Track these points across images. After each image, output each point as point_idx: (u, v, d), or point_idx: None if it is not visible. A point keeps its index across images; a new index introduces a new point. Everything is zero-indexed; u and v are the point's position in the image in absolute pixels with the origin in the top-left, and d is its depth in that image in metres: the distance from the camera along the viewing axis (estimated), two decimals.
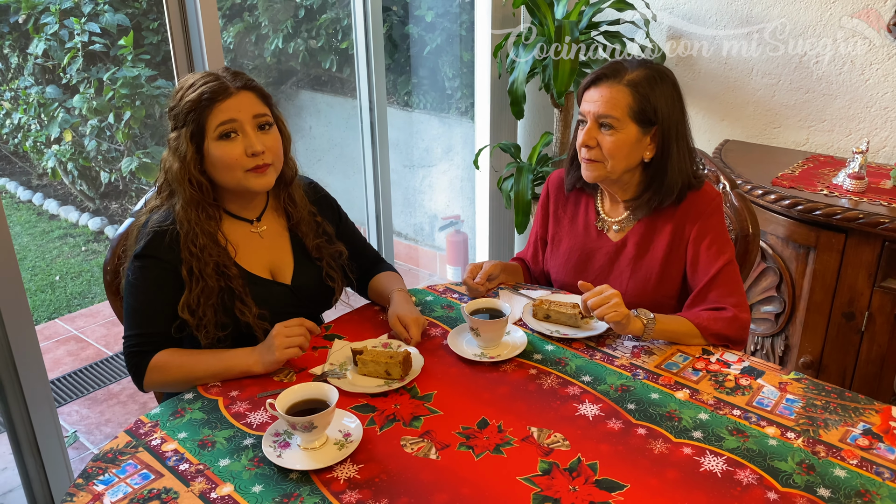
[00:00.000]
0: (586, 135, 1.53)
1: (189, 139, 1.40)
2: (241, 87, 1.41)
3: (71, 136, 4.27)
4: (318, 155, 4.12)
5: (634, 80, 1.51)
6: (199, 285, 1.41)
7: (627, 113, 1.50)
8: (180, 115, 1.41)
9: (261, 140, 1.41)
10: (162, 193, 1.48)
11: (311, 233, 1.59)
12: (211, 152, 1.41)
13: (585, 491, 1.09)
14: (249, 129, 1.41)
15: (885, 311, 1.97)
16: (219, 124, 1.39)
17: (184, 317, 1.41)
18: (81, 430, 2.68)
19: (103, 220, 4.64)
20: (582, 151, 1.56)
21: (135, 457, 1.18)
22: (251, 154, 1.40)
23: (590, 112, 1.53)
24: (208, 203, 1.45)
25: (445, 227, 3.83)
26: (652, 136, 1.53)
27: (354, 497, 1.08)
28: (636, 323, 1.44)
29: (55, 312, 3.76)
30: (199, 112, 1.39)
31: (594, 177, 1.57)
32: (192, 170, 1.41)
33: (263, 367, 1.39)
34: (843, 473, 1.12)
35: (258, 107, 1.43)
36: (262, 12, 3.91)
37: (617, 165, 1.54)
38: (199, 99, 1.39)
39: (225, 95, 1.39)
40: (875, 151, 2.40)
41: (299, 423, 1.13)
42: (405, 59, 3.77)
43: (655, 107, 1.51)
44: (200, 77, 1.42)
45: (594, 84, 1.54)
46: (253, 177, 1.42)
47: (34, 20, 4.09)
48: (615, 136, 1.51)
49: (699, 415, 1.26)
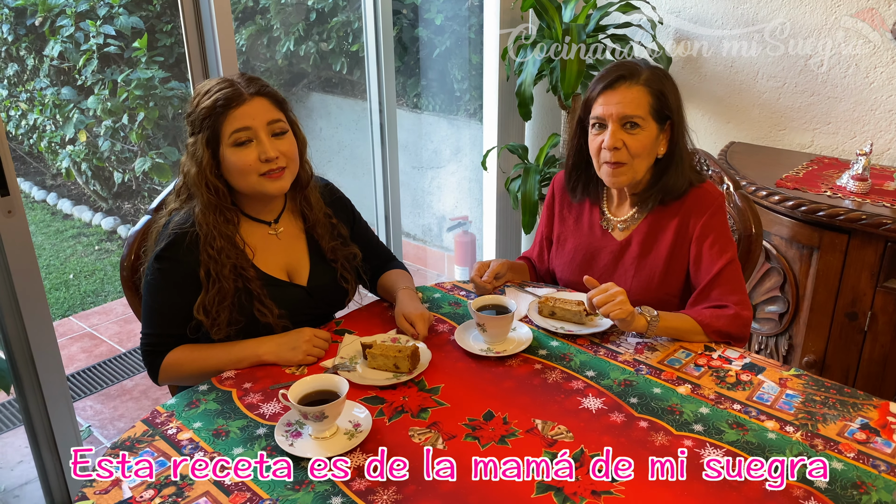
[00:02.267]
0: (612, 137, 1.54)
1: (205, 145, 1.43)
2: (254, 94, 1.43)
3: (85, 136, 4.33)
4: (328, 156, 4.17)
5: (650, 79, 1.55)
6: (216, 287, 1.44)
7: (649, 111, 1.54)
8: (196, 121, 1.44)
9: (275, 146, 1.44)
10: (181, 196, 1.52)
11: (326, 235, 1.61)
12: (226, 158, 1.44)
13: (588, 480, 1.12)
14: (263, 135, 1.43)
15: (888, 312, 1.99)
16: (233, 131, 1.42)
17: (198, 317, 1.44)
18: (95, 425, 2.73)
19: (116, 219, 4.71)
20: (605, 155, 1.56)
21: (151, 445, 1.22)
22: (265, 160, 1.43)
23: (612, 114, 1.53)
24: (226, 206, 1.48)
25: (453, 228, 3.86)
26: (665, 131, 1.58)
27: (364, 484, 1.12)
28: (640, 320, 1.46)
29: (69, 310, 3.82)
30: (214, 118, 1.42)
31: (621, 182, 1.58)
32: (208, 175, 1.44)
33: (277, 359, 1.44)
34: (840, 466, 1.15)
35: (272, 113, 1.45)
36: (275, 15, 3.96)
37: (642, 165, 1.57)
38: (213, 105, 1.41)
39: (239, 102, 1.42)
40: (879, 153, 2.42)
41: (311, 412, 1.17)
42: (415, 61, 3.82)
43: (669, 103, 1.55)
44: (216, 83, 1.45)
45: (612, 87, 1.55)
46: (268, 181, 1.46)
47: (50, 22, 4.15)
48: (640, 135, 1.54)
49: (700, 409, 1.29)
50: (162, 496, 1.10)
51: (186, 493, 1.11)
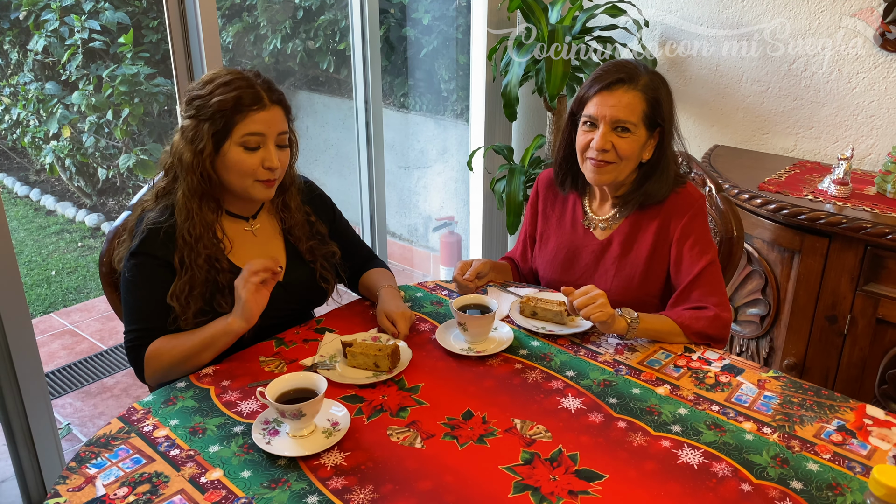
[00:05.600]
0: (602, 139, 1.54)
1: (211, 135, 1.42)
2: (275, 102, 1.45)
3: (69, 132, 4.30)
4: (314, 155, 4.16)
5: (648, 86, 1.54)
6: (188, 274, 1.44)
7: (641, 118, 1.54)
8: (206, 110, 1.42)
9: (279, 157, 1.46)
10: (169, 175, 1.49)
11: (303, 237, 1.62)
12: (229, 155, 1.43)
13: (565, 480, 1.12)
14: (272, 144, 1.45)
15: (867, 315, 2.01)
16: (247, 133, 1.42)
17: (171, 304, 1.43)
18: (75, 423, 2.70)
19: (100, 216, 4.67)
20: (592, 153, 1.57)
21: (127, 442, 1.21)
22: (267, 168, 1.45)
23: (605, 116, 1.54)
24: (211, 196, 1.48)
25: (439, 228, 3.86)
26: (653, 137, 1.58)
27: (340, 483, 1.12)
28: (620, 322, 1.47)
29: (51, 307, 3.78)
30: (231, 115, 1.41)
31: (604, 180, 1.59)
32: (205, 164, 1.44)
33: (243, 318, 1.39)
34: (816, 467, 1.15)
35: (284, 124, 1.48)
36: (261, 12, 3.95)
37: (627, 167, 1.58)
38: (234, 102, 1.41)
39: (260, 107, 1.42)
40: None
41: (288, 410, 1.16)
42: (402, 61, 3.81)
43: (662, 112, 1.56)
44: (237, 78, 1.43)
45: (609, 88, 1.54)
46: (260, 187, 1.47)
47: (35, 17, 4.12)
48: (630, 139, 1.54)
49: (678, 409, 1.29)
50: (136, 494, 1.09)
51: (161, 491, 1.10)
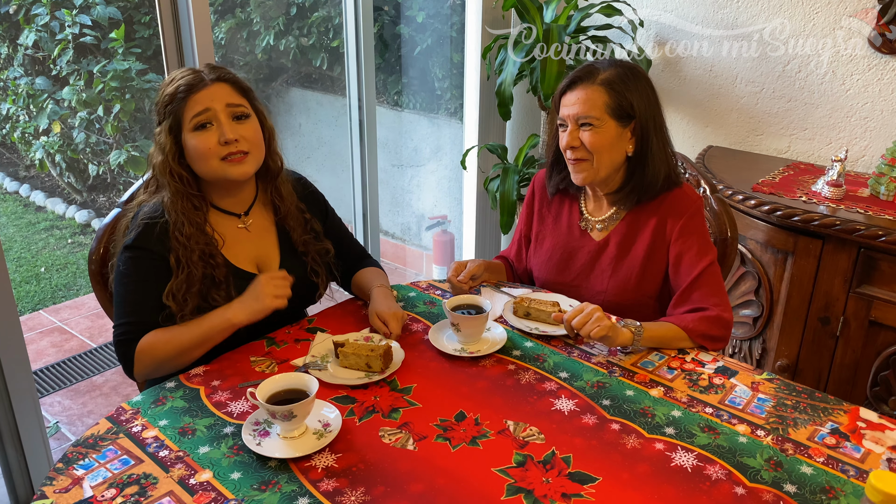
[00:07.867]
0: (569, 136, 1.57)
1: (168, 132, 1.44)
2: (215, 79, 1.45)
3: (60, 127, 4.26)
4: (306, 152, 4.14)
5: (608, 79, 1.55)
6: (185, 273, 1.43)
7: (605, 111, 1.54)
8: (160, 110, 1.46)
9: (234, 129, 1.44)
10: (149, 188, 1.53)
11: (298, 227, 1.61)
12: (187, 143, 1.44)
13: (558, 483, 1.11)
14: (223, 117, 1.44)
15: (860, 317, 2.01)
16: (193, 115, 1.43)
17: (168, 303, 1.42)
18: (63, 421, 2.68)
19: (90, 212, 4.63)
20: (567, 153, 1.60)
21: (115, 443, 1.19)
22: (224, 142, 1.43)
23: (569, 115, 1.57)
24: (192, 194, 1.48)
25: (432, 227, 3.85)
26: (632, 130, 1.58)
27: (332, 485, 1.10)
28: (625, 333, 1.45)
29: (40, 304, 3.75)
30: (176, 105, 1.43)
31: (583, 179, 1.60)
32: (171, 162, 1.45)
33: (247, 316, 1.41)
34: (810, 470, 1.15)
35: (233, 97, 1.46)
36: (255, 9, 3.92)
37: (602, 160, 1.57)
38: (175, 92, 1.43)
39: (200, 87, 1.43)
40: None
41: (279, 411, 1.15)
42: (396, 58, 3.80)
43: (631, 102, 1.55)
44: (180, 73, 1.47)
45: (570, 88, 1.59)
46: (229, 165, 1.45)
47: (25, 11, 4.08)
48: (595, 132, 1.55)
49: (672, 412, 1.29)
50: (124, 495, 1.08)
51: (149, 493, 1.08)
